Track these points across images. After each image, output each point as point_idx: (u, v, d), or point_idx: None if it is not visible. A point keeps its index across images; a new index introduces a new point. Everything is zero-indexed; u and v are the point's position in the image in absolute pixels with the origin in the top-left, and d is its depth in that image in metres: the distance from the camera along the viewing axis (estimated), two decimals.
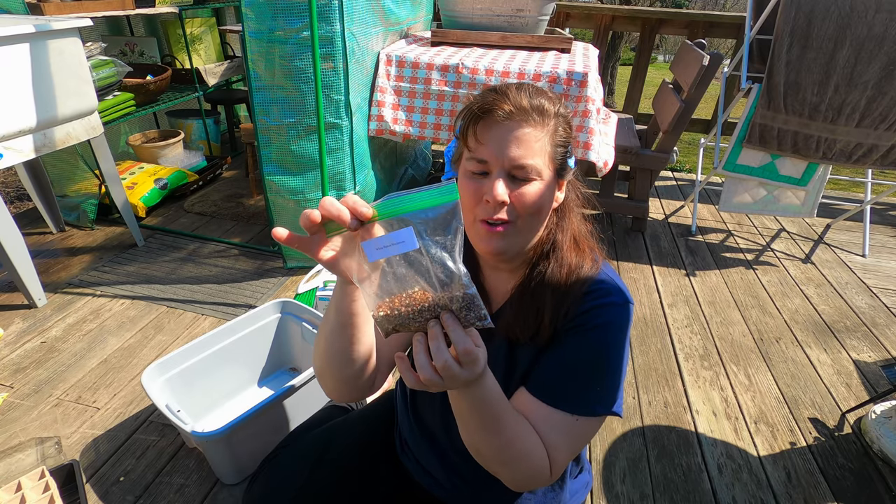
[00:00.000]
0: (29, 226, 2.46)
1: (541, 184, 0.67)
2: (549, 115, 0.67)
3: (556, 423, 0.68)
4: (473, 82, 2.02)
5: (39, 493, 1.15)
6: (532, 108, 0.66)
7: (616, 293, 0.70)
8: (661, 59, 14.66)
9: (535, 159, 0.66)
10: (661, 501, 1.33)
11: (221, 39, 3.50)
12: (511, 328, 0.72)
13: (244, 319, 1.50)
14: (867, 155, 2.24)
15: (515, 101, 0.65)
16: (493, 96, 0.67)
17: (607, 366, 0.69)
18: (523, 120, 0.65)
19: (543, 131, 0.67)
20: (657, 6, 10.59)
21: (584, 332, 0.69)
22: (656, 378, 1.74)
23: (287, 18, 1.71)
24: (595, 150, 2.04)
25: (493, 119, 0.65)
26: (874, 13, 1.99)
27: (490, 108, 0.65)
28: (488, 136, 0.66)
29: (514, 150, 0.65)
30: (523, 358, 0.73)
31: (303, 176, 1.98)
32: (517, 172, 0.66)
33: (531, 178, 0.66)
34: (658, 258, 2.49)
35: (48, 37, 1.72)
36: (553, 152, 0.68)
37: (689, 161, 4.30)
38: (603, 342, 0.68)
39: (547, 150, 0.67)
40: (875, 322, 2.08)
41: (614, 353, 0.69)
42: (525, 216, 0.68)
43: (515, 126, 0.65)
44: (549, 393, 0.69)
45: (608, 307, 0.69)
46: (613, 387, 0.69)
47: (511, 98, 0.66)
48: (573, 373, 0.69)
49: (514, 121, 0.65)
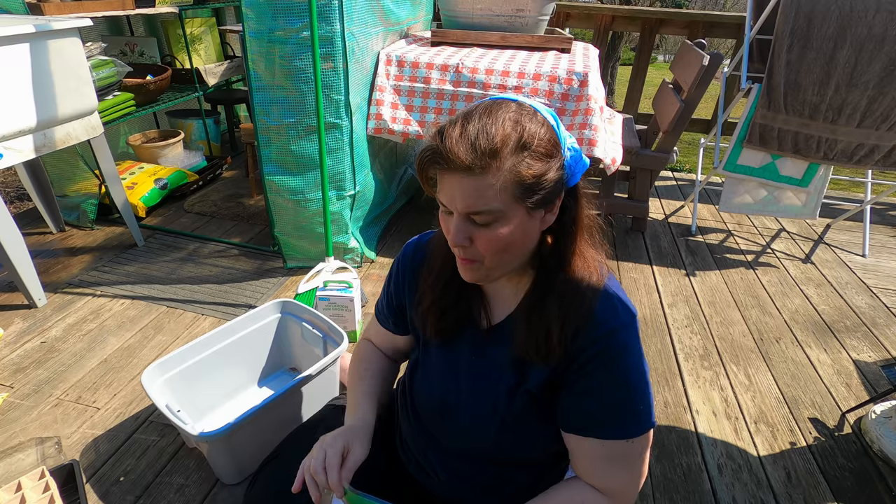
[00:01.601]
0: (29, 226, 2.46)
1: (504, 224, 0.62)
2: (498, 156, 0.59)
3: (611, 454, 0.70)
4: (473, 82, 2.02)
5: (39, 493, 1.15)
6: (475, 154, 0.59)
7: (624, 311, 0.69)
8: (661, 59, 14.66)
9: (490, 205, 0.61)
10: (661, 501, 1.33)
11: (221, 39, 3.50)
12: (523, 349, 0.71)
13: (244, 319, 1.50)
14: (869, 155, 2.24)
15: (455, 154, 0.59)
16: (438, 141, 0.61)
17: (637, 385, 0.69)
18: (467, 172, 0.59)
19: (497, 175, 0.59)
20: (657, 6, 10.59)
21: (605, 361, 0.68)
22: (656, 378, 1.74)
23: (287, 18, 1.71)
24: (601, 147, 2.04)
25: (440, 167, 0.61)
26: (874, 13, 1.99)
27: (433, 157, 0.61)
28: (440, 183, 0.63)
29: (464, 201, 0.61)
30: (535, 376, 0.72)
31: (303, 176, 1.98)
32: (475, 218, 0.62)
33: (493, 221, 0.62)
34: (658, 258, 2.49)
35: (48, 37, 1.72)
36: (516, 189, 0.61)
37: (689, 161, 4.30)
38: (628, 366, 0.68)
39: (508, 189, 0.60)
40: (875, 322, 2.08)
41: (639, 371, 0.69)
42: (489, 256, 0.65)
43: (461, 177, 0.60)
44: (596, 428, 0.70)
45: (621, 329, 0.68)
46: (648, 400, 0.70)
47: (449, 148, 0.59)
48: (610, 403, 0.69)
49: (456, 172, 0.60)
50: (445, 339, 0.80)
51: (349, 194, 2.06)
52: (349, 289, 1.76)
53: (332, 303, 1.74)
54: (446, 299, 0.77)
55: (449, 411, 0.80)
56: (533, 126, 0.61)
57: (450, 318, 0.78)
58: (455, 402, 0.79)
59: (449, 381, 0.80)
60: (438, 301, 0.77)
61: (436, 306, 0.78)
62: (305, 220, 2.06)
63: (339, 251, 2.16)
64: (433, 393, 0.82)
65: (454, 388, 0.79)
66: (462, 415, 0.78)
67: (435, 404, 0.82)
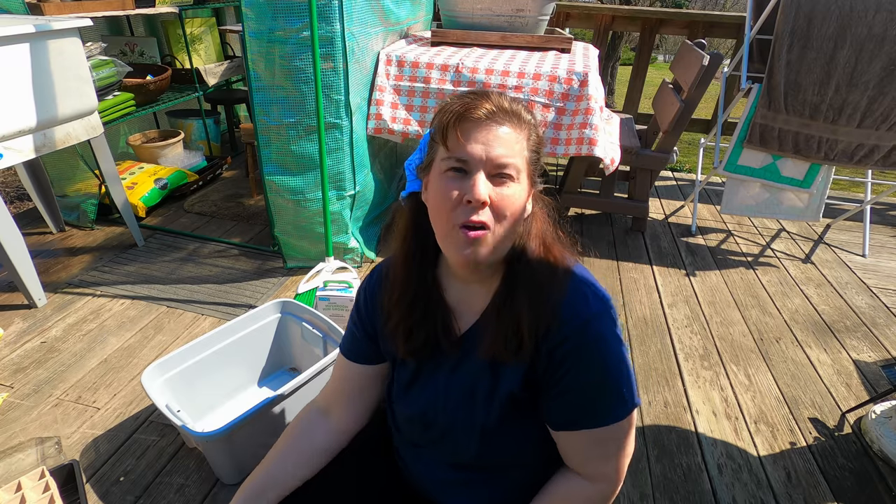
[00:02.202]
0: (29, 226, 2.46)
1: (519, 187, 0.67)
2: (524, 122, 0.68)
3: (596, 442, 0.71)
4: (473, 82, 2.02)
5: (39, 493, 1.15)
6: (511, 111, 0.67)
7: (595, 300, 0.69)
8: (661, 59, 14.65)
9: (516, 159, 0.66)
10: (661, 501, 1.33)
11: (221, 39, 3.50)
12: (494, 348, 0.70)
13: (244, 319, 1.50)
14: (869, 156, 2.24)
15: (497, 103, 0.66)
16: (474, 97, 0.67)
17: (618, 371, 0.69)
18: (505, 120, 0.66)
19: (522, 134, 0.68)
20: (657, 6, 10.59)
21: (582, 356, 0.68)
22: (656, 378, 1.74)
23: (287, 18, 1.71)
24: (601, 146, 2.04)
25: (476, 117, 0.65)
26: (874, 13, 1.99)
27: (473, 106, 0.65)
28: (470, 135, 0.65)
29: (498, 149, 0.65)
30: (509, 378, 0.72)
31: (303, 176, 1.98)
32: (498, 171, 0.65)
33: (511, 180, 0.66)
34: (658, 258, 2.49)
35: (48, 37, 1.72)
36: (530, 157, 0.69)
37: (689, 161, 4.30)
38: (605, 354, 0.68)
39: (525, 154, 0.68)
40: (875, 322, 2.08)
41: (617, 356, 0.69)
42: (503, 219, 0.66)
43: (497, 126, 0.66)
44: (583, 421, 0.70)
45: (593, 320, 0.68)
46: (629, 382, 0.70)
47: (493, 99, 0.67)
48: (589, 394, 0.69)
49: (495, 120, 0.66)
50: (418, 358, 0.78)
51: (349, 194, 2.06)
52: (349, 289, 1.76)
53: (332, 303, 1.74)
54: (412, 317, 0.76)
55: (430, 425, 0.79)
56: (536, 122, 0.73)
57: (418, 337, 0.76)
58: (434, 417, 0.78)
59: (426, 396, 0.79)
60: (405, 319, 0.76)
61: (403, 324, 0.76)
62: (305, 220, 2.06)
63: (339, 251, 2.16)
64: (413, 409, 0.80)
65: (432, 403, 0.78)
66: (443, 428, 0.78)
67: (416, 419, 0.80)
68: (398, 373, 0.83)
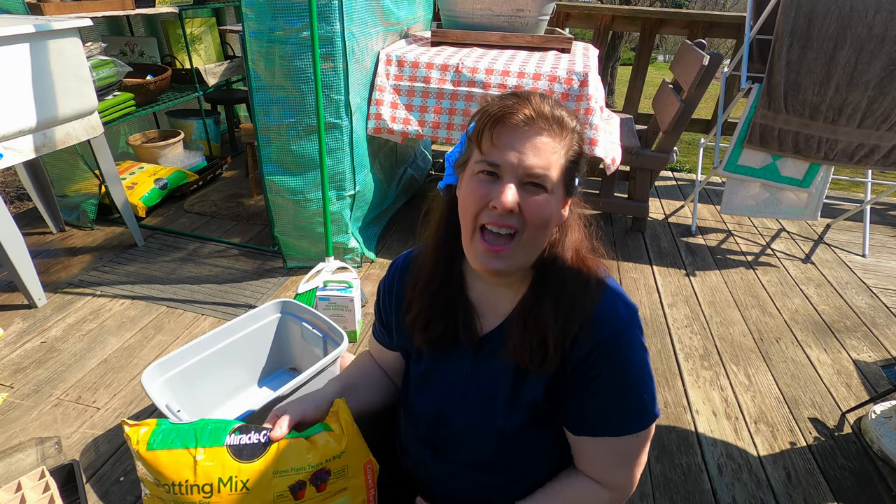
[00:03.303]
0: (29, 226, 2.46)
1: (551, 196, 0.65)
2: (567, 129, 0.65)
3: (614, 450, 0.71)
4: (473, 81, 2.02)
5: (39, 493, 1.15)
6: (553, 117, 0.64)
7: (625, 310, 0.69)
8: (661, 59, 14.65)
9: (550, 170, 0.64)
10: (661, 501, 1.33)
11: (221, 39, 3.50)
12: (518, 356, 0.70)
13: (244, 319, 1.50)
14: (869, 156, 2.23)
15: (538, 108, 0.63)
16: (515, 100, 0.64)
17: (642, 382, 0.69)
18: (543, 128, 0.63)
19: (561, 143, 0.65)
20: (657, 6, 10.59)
21: (611, 364, 0.68)
22: (656, 378, 1.73)
23: (287, 18, 1.71)
24: (602, 146, 2.04)
25: (513, 123, 0.63)
26: (874, 13, 1.99)
27: (511, 111, 0.63)
28: (505, 140, 0.63)
29: (531, 158, 0.63)
30: (532, 386, 0.71)
31: (303, 176, 1.98)
32: (530, 180, 0.64)
33: (542, 189, 0.64)
34: (658, 258, 2.49)
35: (48, 37, 1.72)
36: (566, 167, 0.66)
37: (689, 161, 4.29)
38: (630, 364, 0.68)
39: (561, 163, 0.65)
40: (875, 322, 2.08)
41: (642, 364, 0.69)
42: (531, 228, 0.65)
43: (534, 133, 0.63)
44: (603, 430, 0.70)
45: (625, 330, 0.68)
46: (651, 391, 0.69)
47: (533, 104, 0.64)
48: (619, 402, 0.69)
49: (533, 128, 0.63)
50: (435, 350, 0.79)
51: (349, 194, 2.06)
52: (349, 289, 1.76)
53: (332, 303, 1.74)
54: (433, 308, 0.76)
55: (445, 422, 0.79)
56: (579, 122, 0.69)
57: (436, 327, 0.76)
58: (450, 413, 0.78)
59: (444, 392, 0.79)
60: (425, 310, 0.77)
61: (423, 315, 0.77)
62: (305, 220, 2.06)
63: (339, 251, 2.16)
64: (428, 404, 0.81)
65: (448, 399, 0.78)
66: (458, 426, 0.78)
67: (430, 414, 0.81)
68: (413, 366, 0.84)
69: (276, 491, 0.72)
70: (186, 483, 0.70)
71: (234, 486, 0.70)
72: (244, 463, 0.71)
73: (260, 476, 0.71)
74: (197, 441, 0.73)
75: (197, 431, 0.75)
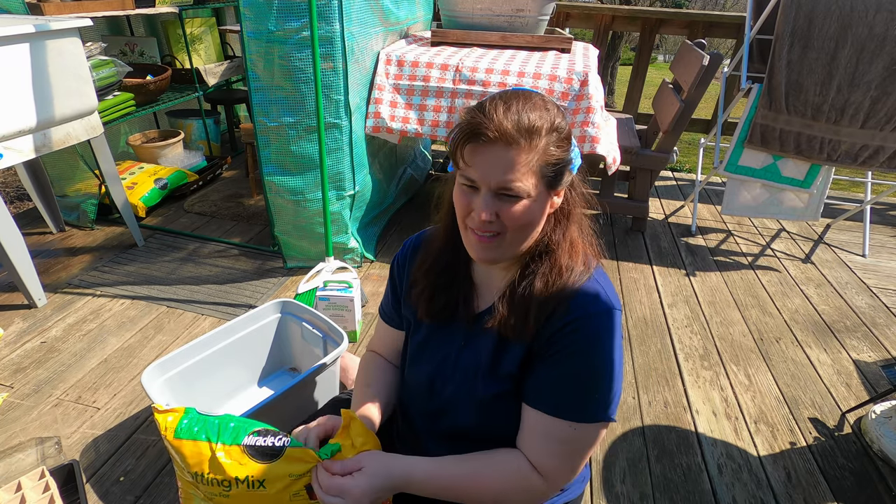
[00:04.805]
0: (29, 226, 2.46)
1: (528, 201, 0.68)
2: (538, 134, 0.66)
3: (552, 432, 0.71)
4: (473, 80, 2.02)
5: (39, 493, 1.15)
6: (518, 130, 0.65)
7: (601, 302, 0.71)
8: (661, 59, 14.65)
9: (521, 182, 0.66)
10: (661, 501, 1.33)
11: (221, 39, 3.50)
12: (504, 326, 0.74)
13: (244, 319, 1.50)
14: (874, 157, 2.23)
15: (499, 126, 0.64)
16: (480, 118, 0.66)
17: (600, 375, 0.70)
18: (508, 144, 0.65)
19: (531, 153, 0.66)
20: (657, 6, 10.59)
21: (571, 343, 0.70)
22: (656, 378, 1.74)
23: (286, 18, 1.71)
24: (604, 144, 2.04)
25: (482, 141, 0.66)
26: (875, 13, 1.99)
27: (476, 131, 0.65)
28: (476, 159, 0.67)
29: (499, 175, 0.66)
30: (510, 357, 0.75)
31: (302, 176, 1.98)
32: (504, 192, 0.67)
33: (518, 197, 0.67)
34: (658, 258, 2.49)
35: (48, 37, 1.72)
36: (542, 170, 0.68)
37: (689, 161, 4.29)
38: (593, 354, 0.70)
39: (535, 169, 0.67)
40: (875, 322, 2.08)
41: (606, 361, 0.70)
42: (512, 230, 0.69)
43: (502, 150, 0.65)
44: (546, 404, 0.72)
45: (595, 317, 0.70)
46: (607, 394, 0.70)
47: (496, 122, 0.65)
48: (567, 384, 0.71)
49: (499, 144, 0.65)
50: (435, 322, 0.83)
51: (349, 194, 2.06)
52: (349, 289, 1.76)
53: (332, 303, 1.74)
54: (438, 284, 0.82)
55: (437, 392, 0.84)
56: (559, 116, 0.69)
57: (439, 300, 0.81)
58: (441, 386, 0.83)
59: (437, 363, 0.83)
60: (431, 285, 0.82)
61: (428, 289, 0.82)
62: (305, 220, 2.06)
63: (338, 251, 2.16)
64: (422, 374, 0.86)
65: (441, 370, 0.83)
66: (447, 396, 0.82)
67: (423, 384, 0.85)
68: (412, 336, 0.89)
69: (293, 490, 0.74)
70: (207, 475, 0.74)
71: (250, 485, 0.73)
72: (261, 463, 0.73)
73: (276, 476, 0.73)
74: (218, 436, 0.76)
75: (220, 426, 0.77)
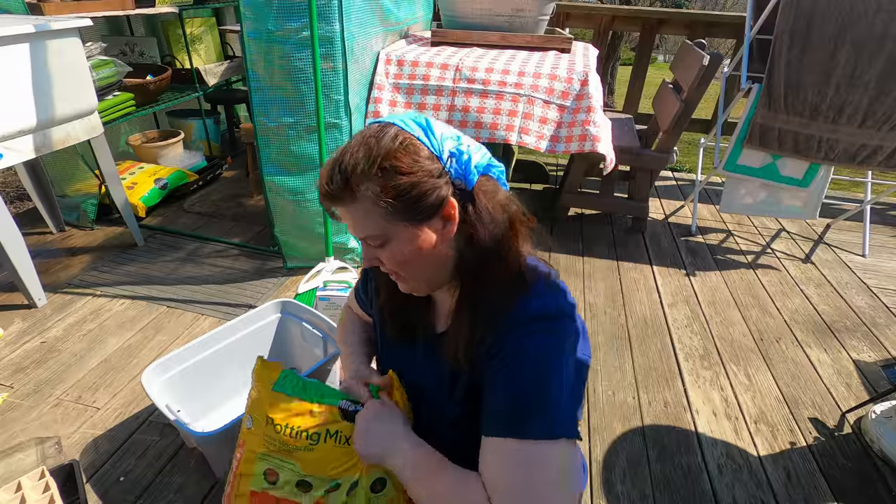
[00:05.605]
0: (29, 226, 2.46)
1: (396, 243, 0.65)
2: (361, 183, 0.61)
3: (496, 452, 0.63)
4: (473, 80, 2.02)
5: (39, 493, 1.15)
6: (337, 186, 0.62)
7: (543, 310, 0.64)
8: (661, 59, 14.64)
9: (371, 230, 0.65)
10: (661, 501, 1.33)
11: (221, 39, 3.50)
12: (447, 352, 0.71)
13: (244, 319, 1.50)
14: (872, 156, 2.23)
15: (323, 189, 0.64)
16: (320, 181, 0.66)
17: (547, 390, 0.62)
18: (337, 203, 0.65)
19: (362, 203, 0.62)
20: (657, 6, 10.59)
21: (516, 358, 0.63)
22: (656, 378, 1.74)
23: (286, 18, 1.71)
24: (604, 143, 2.04)
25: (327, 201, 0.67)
26: (874, 13, 1.99)
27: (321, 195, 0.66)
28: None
29: (352, 229, 0.67)
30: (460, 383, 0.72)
31: (302, 176, 1.98)
32: (369, 242, 0.67)
33: (383, 243, 0.66)
34: (658, 258, 2.49)
35: (48, 37, 1.72)
36: (388, 208, 0.61)
37: (689, 161, 4.29)
38: (538, 367, 0.63)
39: (377, 211, 0.62)
40: (875, 322, 2.08)
41: (553, 375, 0.62)
42: (402, 269, 0.68)
43: (338, 207, 0.66)
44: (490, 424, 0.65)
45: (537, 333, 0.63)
46: (552, 407, 0.62)
47: (322, 182, 0.65)
48: (511, 402, 0.63)
49: (334, 203, 0.65)
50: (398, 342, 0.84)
51: None
52: (349, 289, 1.76)
53: (332, 303, 1.74)
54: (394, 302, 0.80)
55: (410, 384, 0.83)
56: (384, 144, 0.61)
57: (396, 322, 0.82)
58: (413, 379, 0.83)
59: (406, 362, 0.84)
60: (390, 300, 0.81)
61: (389, 304, 0.82)
62: (305, 220, 2.06)
63: (339, 251, 2.16)
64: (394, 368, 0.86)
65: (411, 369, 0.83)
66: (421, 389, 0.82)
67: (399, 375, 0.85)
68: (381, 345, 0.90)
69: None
70: (298, 429, 0.79)
71: (338, 440, 0.79)
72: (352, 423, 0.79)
73: None
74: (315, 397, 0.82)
75: (317, 388, 0.84)
